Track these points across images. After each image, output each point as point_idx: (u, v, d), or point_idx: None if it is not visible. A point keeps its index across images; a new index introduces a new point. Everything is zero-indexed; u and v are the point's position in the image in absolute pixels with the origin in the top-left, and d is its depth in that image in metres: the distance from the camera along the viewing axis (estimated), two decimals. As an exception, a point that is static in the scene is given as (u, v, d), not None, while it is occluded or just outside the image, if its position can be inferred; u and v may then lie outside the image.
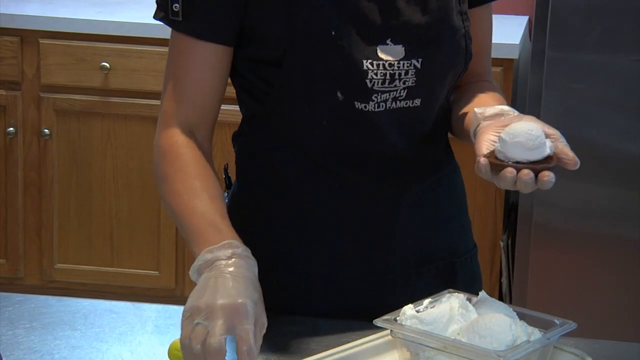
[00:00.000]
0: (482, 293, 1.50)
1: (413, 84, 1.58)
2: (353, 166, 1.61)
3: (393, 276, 1.65)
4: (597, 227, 3.24)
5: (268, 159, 1.63)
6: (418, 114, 1.61)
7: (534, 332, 1.41)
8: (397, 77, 1.56)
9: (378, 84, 1.56)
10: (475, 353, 1.36)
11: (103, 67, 3.64)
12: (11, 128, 3.70)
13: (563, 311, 1.74)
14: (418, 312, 1.45)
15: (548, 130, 1.47)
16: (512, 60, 3.46)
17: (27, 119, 3.71)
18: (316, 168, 1.61)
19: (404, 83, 1.57)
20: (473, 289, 1.61)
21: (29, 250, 3.80)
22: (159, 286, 3.79)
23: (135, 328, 1.57)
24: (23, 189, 3.76)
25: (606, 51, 3.18)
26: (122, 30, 3.62)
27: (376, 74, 1.56)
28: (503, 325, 1.39)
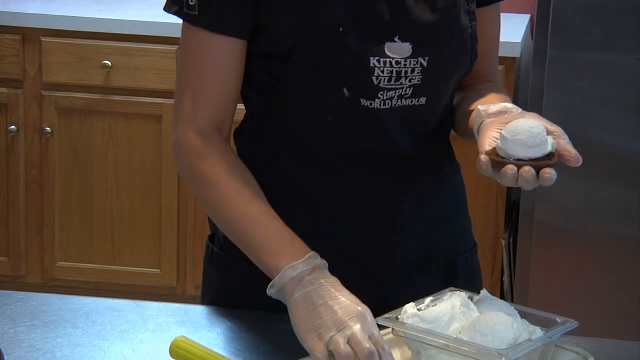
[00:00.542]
0: (484, 292, 1.50)
1: (419, 82, 1.58)
2: (355, 164, 1.61)
3: (394, 274, 1.65)
4: (599, 226, 3.24)
5: (270, 157, 1.63)
6: (423, 113, 1.61)
7: (536, 331, 1.41)
8: (404, 75, 1.57)
9: (384, 82, 1.56)
10: (477, 352, 1.36)
11: (105, 66, 3.64)
12: (13, 126, 3.70)
13: (565, 310, 1.74)
14: (420, 311, 1.44)
15: (551, 127, 1.47)
16: (514, 58, 3.46)
17: (29, 117, 3.71)
18: (318, 166, 1.61)
19: (410, 81, 1.57)
20: (474, 287, 1.61)
21: (31, 248, 3.80)
22: (161, 284, 3.79)
23: (137, 326, 1.57)
24: (25, 187, 3.76)
25: (608, 50, 3.17)
26: (124, 28, 3.62)
27: (383, 72, 1.56)
28: (505, 323, 1.39)
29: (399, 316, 1.44)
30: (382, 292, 1.64)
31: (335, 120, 1.58)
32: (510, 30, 3.54)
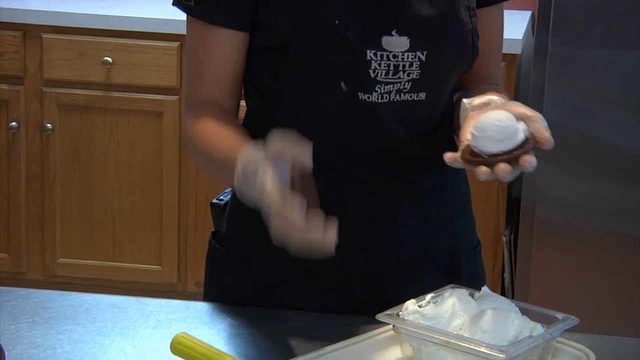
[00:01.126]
0: (485, 288, 1.50)
1: (417, 77, 1.58)
2: (354, 160, 1.60)
3: (396, 273, 1.64)
4: (599, 223, 3.25)
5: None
6: (422, 108, 1.61)
7: (536, 328, 1.41)
8: (402, 69, 1.56)
9: (381, 75, 1.56)
10: (477, 348, 1.36)
11: (106, 62, 3.64)
12: (14, 122, 3.70)
13: (565, 306, 1.74)
14: (420, 307, 1.44)
15: (529, 113, 1.45)
16: (515, 55, 3.45)
17: (30, 114, 3.71)
18: (317, 162, 1.61)
19: (408, 75, 1.57)
20: (477, 286, 1.61)
21: (32, 244, 3.80)
22: (161, 281, 3.79)
23: (137, 322, 1.57)
24: (25, 184, 3.76)
25: (609, 47, 3.17)
26: (125, 25, 3.62)
27: (380, 65, 1.55)
28: (505, 320, 1.39)
29: (400, 313, 1.44)
30: (384, 291, 1.63)
31: (333, 115, 1.58)
32: (511, 26, 3.53)
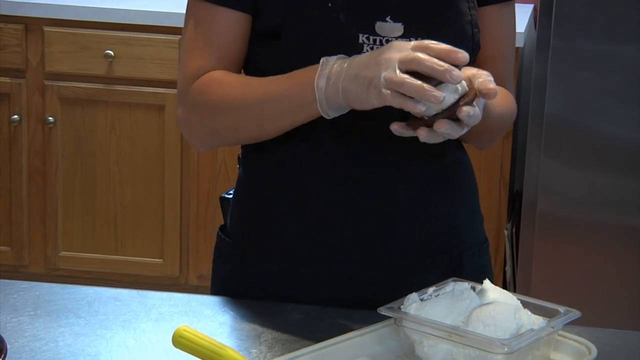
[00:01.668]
0: (486, 281, 1.50)
1: None
2: (353, 148, 1.60)
3: (395, 266, 1.64)
4: (601, 216, 3.24)
5: (268, 146, 1.63)
6: None
7: (538, 321, 1.41)
8: None
9: None
10: (479, 341, 1.36)
11: (107, 55, 3.64)
12: (16, 116, 3.70)
13: (567, 300, 1.74)
14: (422, 301, 1.44)
15: (475, 71, 1.45)
16: (517, 48, 3.45)
17: (32, 107, 3.71)
18: (314, 152, 1.60)
19: None
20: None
21: (34, 238, 3.81)
22: (163, 274, 3.80)
23: (139, 316, 1.57)
24: (27, 177, 3.76)
25: (611, 40, 3.17)
26: (127, 18, 3.61)
27: (372, 49, 1.54)
28: (507, 313, 1.39)
29: (401, 306, 1.44)
30: (383, 284, 1.63)
31: None
32: (513, 20, 3.53)
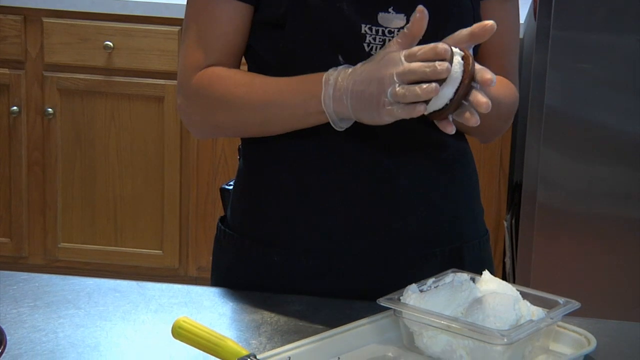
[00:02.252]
0: (486, 273, 1.50)
1: None
2: (353, 138, 1.60)
3: (395, 257, 1.64)
4: (601, 208, 3.24)
5: (268, 138, 1.63)
6: None
7: (538, 312, 1.41)
8: None
9: (376, 50, 1.55)
10: (478, 332, 1.36)
11: (107, 47, 3.64)
12: (15, 107, 3.70)
13: (566, 291, 1.74)
14: (422, 292, 1.45)
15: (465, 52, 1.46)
16: (517, 40, 3.44)
17: (31, 98, 3.71)
18: (316, 142, 1.60)
19: None
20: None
21: (33, 229, 3.81)
22: (163, 265, 3.80)
23: (139, 307, 1.57)
24: (27, 169, 3.76)
25: (611, 31, 3.17)
26: (126, 9, 3.61)
27: (374, 39, 1.55)
28: (506, 304, 1.39)
29: (401, 297, 1.44)
30: (384, 275, 1.63)
31: None
32: (513, 11, 3.53)
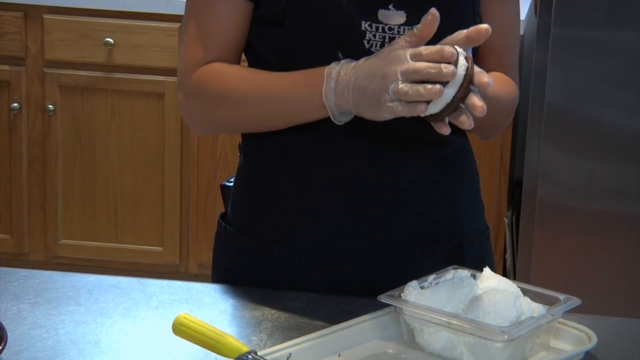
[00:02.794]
0: (486, 269, 1.50)
1: None
2: (353, 135, 1.60)
3: (395, 254, 1.64)
4: (601, 204, 3.24)
5: (268, 134, 1.63)
6: None
7: (538, 308, 1.41)
8: None
9: (376, 47, 1.56)
10: (479, 329, 1.36)
11: (107, 43, 3.63)
12: (15, 103, 3.70)
13: (567, 287, 1.74)
14: (422, 288, 1.45)
15: (451, 39, 1.48)
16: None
17: (31, 95, 3.71)
18: (316, 139, 1.60)
19: None
20: (482, 273, 1.59)
21: (34, 226, 3.81)
22: (163, 262, 3.80)
23: (139, 303, 1.57)
24: (27, 165, 3.76)
25: (612, 28, 3.16)
26: (126, 5, 3.61)
27: (374, 36, 1.55)
28: (507, 301, 1.39)
29: (402, 294, 1.44)
30: (384, 272, 1.63)
31: None
32: (513, 7, 3.52)
